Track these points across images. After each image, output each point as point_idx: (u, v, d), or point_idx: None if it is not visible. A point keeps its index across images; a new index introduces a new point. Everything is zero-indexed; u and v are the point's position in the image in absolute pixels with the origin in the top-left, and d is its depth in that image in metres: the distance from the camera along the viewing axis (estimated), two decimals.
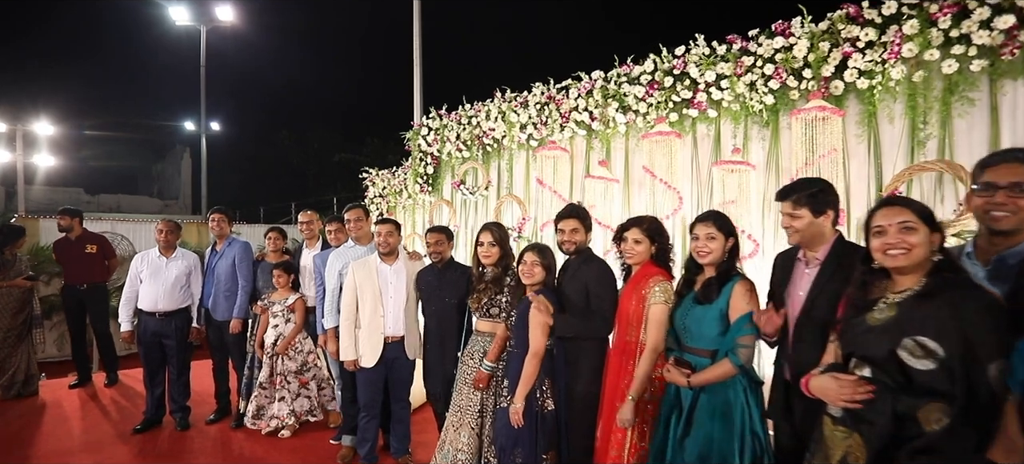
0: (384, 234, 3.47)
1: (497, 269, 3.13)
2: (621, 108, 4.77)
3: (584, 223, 2.91)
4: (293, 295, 4.20)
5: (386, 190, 7.26)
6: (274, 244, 4.44)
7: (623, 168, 4.93)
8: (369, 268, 3.48)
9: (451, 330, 3.36)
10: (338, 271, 3.71)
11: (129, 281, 4.29)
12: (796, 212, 2.09)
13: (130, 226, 9.21)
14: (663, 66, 4.48)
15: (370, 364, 3.41)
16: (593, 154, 5.19)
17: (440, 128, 6.41)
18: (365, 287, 3.45)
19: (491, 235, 3.14)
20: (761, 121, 4.12)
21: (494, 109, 5.78)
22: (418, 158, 6.69)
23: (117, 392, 5.32)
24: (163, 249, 4.32)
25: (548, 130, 5.35)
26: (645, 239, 2.61)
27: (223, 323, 4.34)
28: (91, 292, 5.51)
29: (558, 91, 5.27)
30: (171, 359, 4.30)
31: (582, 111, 5.05)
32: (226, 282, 4.33)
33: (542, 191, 5.53)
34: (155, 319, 4.22)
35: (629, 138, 4.92)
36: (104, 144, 21.07)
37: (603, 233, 4.94)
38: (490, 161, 6.05)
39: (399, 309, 3.48)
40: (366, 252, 3.75)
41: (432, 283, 3.44)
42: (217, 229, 4.42)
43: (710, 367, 2.28)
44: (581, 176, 5.23)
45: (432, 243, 3.44)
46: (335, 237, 3.99)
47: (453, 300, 3.37)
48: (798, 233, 2.11)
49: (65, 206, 5.64)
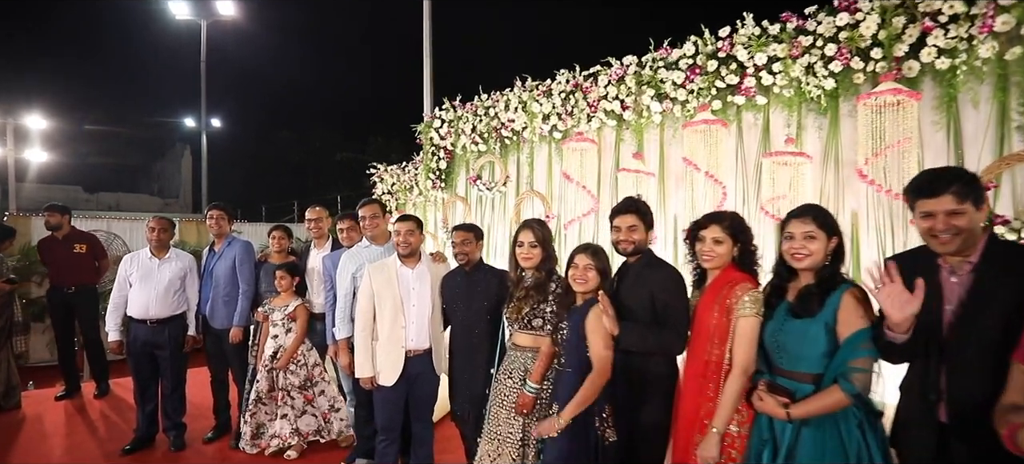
0: (404, 233, 3.00)
1: (539, 273, 2.66)
2: (657, 96, 4.31)
3: (644, 219, 2.45)
4: (294, 301, 3.72)
5: (395, 187, 6.79)
6: (278, 244, 3.96)
7: (658, 161, 4.48)
8: (388, 272, 3.01)
9: (482, 343, 2.90)
10: (351, 274, 3.24)
11: (117, 285, 3.81)
12: (960, 207, 1.61)
13: (126, 225, 8.69)
14: (706, 49, 4.02)
15: (390, 382, 2.94)
16: (623, 146, 4.73)
17: (454, 120, 5.94)
18: (384, 294, 2.97)
19: (532, 234, 2.67)
20: (818, 108, 3.67)
21: (514, 99, 5.31)
22: (430, 152, 6.22)
23: (107, 405, 4.83)
24: (155, 249, 3.84)
25: (574, 121, 4.89)
26: (727, 238, 2.15)
27: (222, 331, 3.86)
28: (80, 295, 5.02)
29: (585, 79, 4.81)
30: (164, 371, 3.82)
31: (612, 100, 4.59)
32: (225, 286, 3.86)
33: (566, 186, 5.07)
34: (146, 327, 3.74)
35: (664, 128, 4.46)
36: (103, 141, 20.52)
37: None
38: (508, 155, 5.58)
39: (423, 319, 3.01)
40: (382, 253, 3.28)
41: (459, 289, 2.97)
42: (216, 227, 3.94)
43: (816, 395, 1.82)
44: (610, 170, 4.77)
45: (458, 243, 2.97)
46: (347, 236, 3.52)
47: (484, 308, 2.91)
48: (961, 236, 1.62)
49: (53, 202, 5.15)
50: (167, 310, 3.78)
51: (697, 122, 3.92)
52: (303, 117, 26.73)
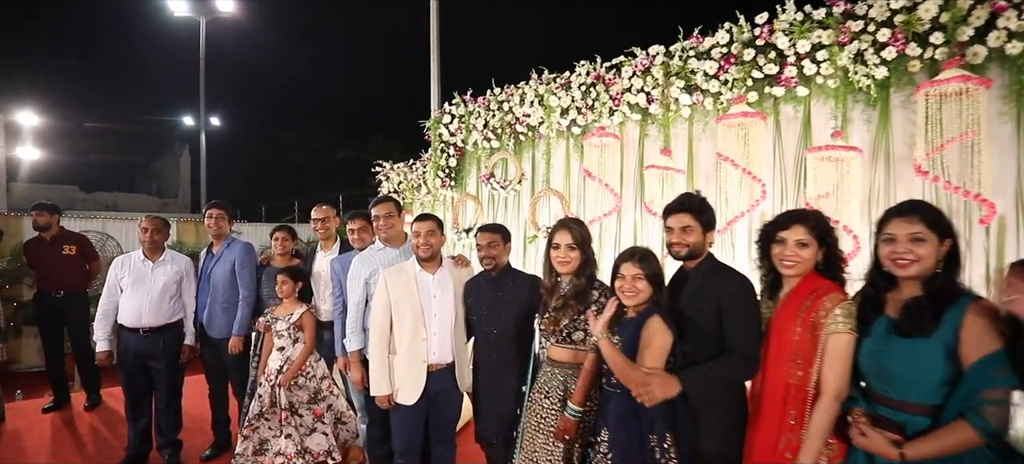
0: (424, 234, 2.67)
1: (579, 280, 2.34)
2: (687, 88, 4.00)
3: (701, 219, 2.12)
4: (299, 308, 3.38)
5: (402, 185, 6.45)
6: (281, 246, 3.62)
7: (686, 156, 4.16)
8: (406, 277, 2.68)
9: (511, 357, 2.57)
10: (364, 280, 2.91)
11: (107, 291, 3.47)
12: None
13: (122, 225, 8.33)
14: (742, 37, 3.70)
15: (410, 400, 2.62)
16: (648, 141, 4.42)
17: (465, 115, 5.60)
18: (402, 302, 2.64)
19: (570, 235, 2.35)
20: (866, 99, 3.36)
21: (530, 92, 4.99)
22: (439, 149, 5.89)
23: (98, 418, 4.48)
24: (148, 251, 3.50)
25: (595, 115, 4.57)
26: (813, 241, 1.83)
27: (221, 341, 3.53)
28: (69, 300, 4.67)
29: (607, 70, 4.49)
30: (158, 384, 3.48)
31: (637, 92, 4.27)
32: (224, 291, 3.52)
33: (586, 185, 4.75)
34: (138, 336, 3.40)
35: (693, 122, 4.15)
36: (100, 139, 20.10)
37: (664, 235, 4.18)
38: (522, 151, 5.25)
39: (446, 330, 2.68)
40: (398, 256, 2.95)
41: (485, 296, 2.65)
42: (215, 227, 3.61)
43: (938, 433, 1.51)
44: (633, 166, 4.46)
45: (484, 245, 2.64)
46: (358, 237, 3.18)
47: (513, 318, 2.58)
48: None
49: (42, 201, 4.79)
50: (161, 318, 3.44)
51: (733, 115, 3.60)
52: (303, 116, 26.31)
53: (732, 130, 3.70)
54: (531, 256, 5.04)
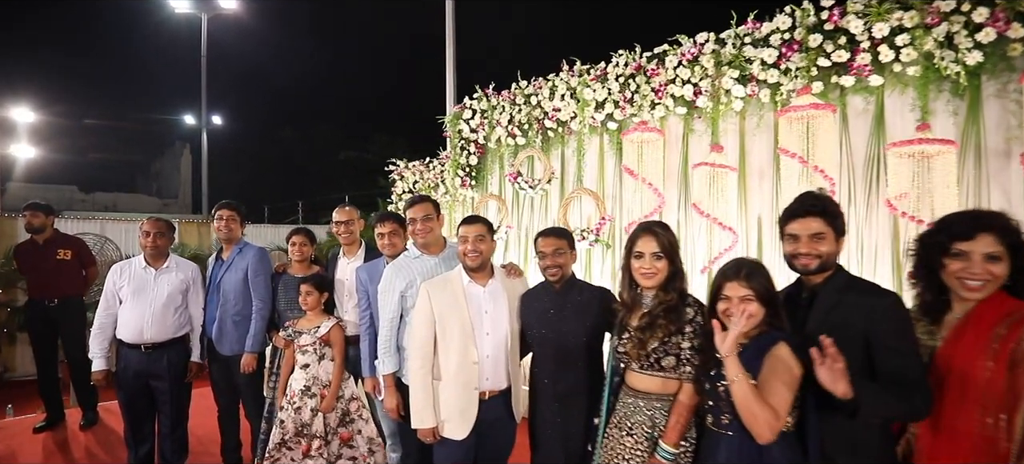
0: (472, 239, 2.25)
1: (667, 294, 1.92)
2: (741, 78, 3.59)
3: (834, 224, 1.71)
4: (327, 321, 2.95)
5: (418, 185, 6.02)
6: (300, 251, 3.18)
7: (738, 153, 3.76)
8: (453, 290, 2.26)
9: (580, 384, 2.15)
10: (399, 292, 2.48)
11: (104, 302, 3.02)
12: None
13: (122, 227, 7.86)
14: (806, 21, 3.30)
15: (460, 434, 2.19)
16: (693, 137, 4.02)
17: (488, 110, 5.18)
18: (449, 319, 2.22)
19: (655, 241, 1.94)
20: (953, 88, 2.97)
21: (561, 85, 4.57)
22: (459, 146, 5.46)
23: (95, 438, 4.02)
24: (150, 258, 3.06)
25: (634, 109, 4.17)
26: (1004, 253, 1.42)
27: (232, 358, 3.09)
28: (64, 309, 4.21)
29: (649, 60, 4.08)
30: (162, 406, 3.04)
31: (683, 84, 3.87)
32: (236, 302, 3.08)
33: (623, 184, 4.35)
34: (140, 353, 2.96)
35: (745, 116, 3.75)
36: (99, 139, 19.54)
37: (713, 238, 3.78)
38: (550, 148, 4.84)
39: (500, 351, 2.26)
40: (437, 265, 2.53)
41: (547, 312, 2.22)
42: (225, 230, 3.16)
43: None
44: (677, 164, 4.05)
45: (548, 252, 2.22)
46: (389, 242, 2.75)
47: (582, 338, 2.16)
48: None
49: (35, 201, 4.33)
50: (166, 332, 3.00)
51: (800, 107, 3.20)
52: (305, 115, 25.73)
53: (794, 123, 3.31)
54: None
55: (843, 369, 1.37)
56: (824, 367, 1.40)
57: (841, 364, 1.37)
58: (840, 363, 1.37)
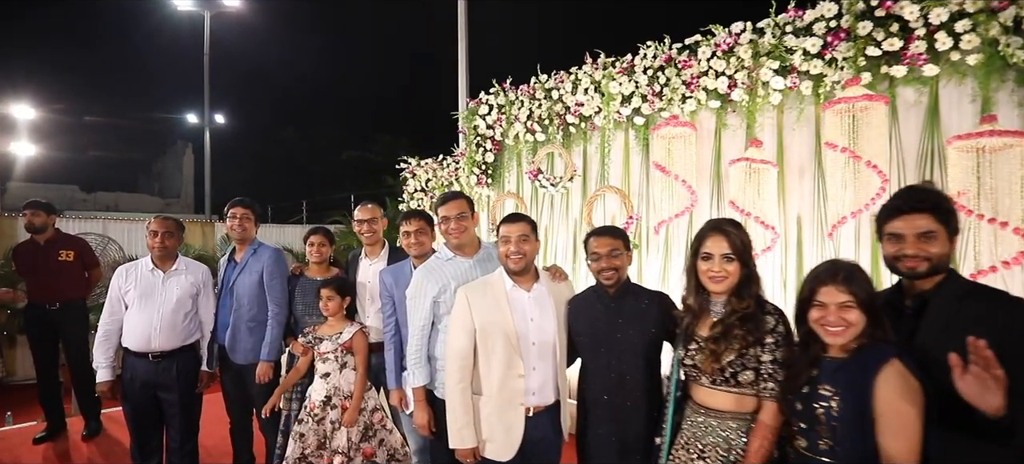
0: (515, 240, 2.02)
1: (742, 302, 1.70)
2: (781, 70, 3.37)
3: (946, 222, 1.48)
4: (350, 327, 2.72)
5: (431, 183, 5.79)
6: (318, 252, 2.94)
7: (776, 148, 3.54)
8: (495, 296, 2.03)
9: (638, 399, 1.92)
10: (432, 298, 2.25)
11: (109, 307, 2.78)
12: None
13: (124, 226, 7.60)
14: (854, 8, 3.08)
15: (505, 455, 1.96)
16: (726, 132, 3.80)
17: (506, 105, 4.95)
18: (491, 327, 1.99)
19: (726, 241, 1.71)
20: (1018, 78, 2.76)
21: (585, 78, 4.35)
22: (475, 143, 5.23)
23: (99, 450, 3.77)
24: (158, 259, 2.82)
25: (663, 103, 3.94)
26: None
27: (246, 367, 2.85)
28: (66, 313, 3.97)
29: (680, 51, 3.86)
30: (171, 419, 2.80)
31: (717, 76, 3.65)
32: (251, 307, 2.84)
33: (650, 181, 4.13)
34: (147, 362, 2.72)
35: (783, 109, 3.53)
36: (100, 138, 19.24)
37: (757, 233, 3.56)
38: (571, 145, 4.62)
39: (547, 362, 2.03)
40: (472, 268, 2.29)
41: (600, 319, 1.99)
42: (239, 229, 2.92)
43: None
44: (709, 160, 3.84)
45: (603, 253, 1.99)
46: (416, 241, 2.51)
47: (641, 349, 1.94)
48: None
49: (36, 199, 4.08)
50: (175, 339, 2.76)
51: (851, 98, 2.97)
52: (307, 114, 25.39)
53: (840, 117, 3.09)
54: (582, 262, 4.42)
55: (1002, 379, 1.14)
56: (969, 377, 1.18)
57: (999, 372, 1.15)
58: (998, 370, 1.15)
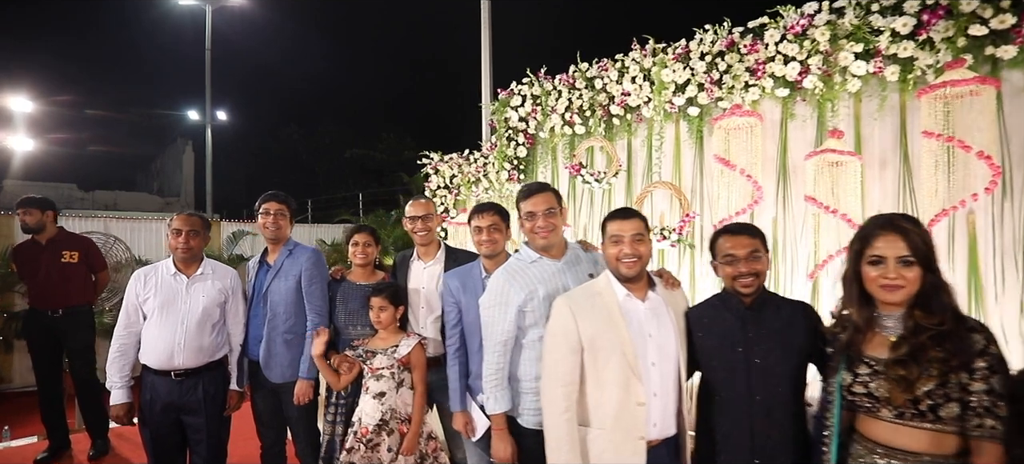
0: (630, 240, 1.64)
1: (930, 316, 1.33)
2: (865, 53, 3.03)
3: None
4: (406, 340, 2.32)
5: (456, 179, 5.38)
6: (363, 253, 2.53)
7: (853, 139, 3.20)
8: (605, 306, 1.64)
9: (784, 432, 1.56)
10: (517, 307, 1.87)
11: (125, 318, 2.35)
12: None
13: (127, 225, 7.13)
14: None
15: None
16: (792, 123, 3.45)
17: (541, 95, 4.57)
18: (604, 345, 1.61)
19: (903, 240, 1.35)
20: None
21: (633, 66, 3.98)
22: (506, 136, 4.84)
23: None
24: (182, 262, 2.41)
25: (722, 91, 3.58)
26: None
27: (282, 386, 2.44)
28: (70, 320, 3.53)
29: (743, 35, 3.50)
30: (196, 446, 2.38)
31: (786, 61, 3.30)
32: (288, 317, 2.43)
33: (704, 177, 3.78)
34: (170, 382, 2.30)
35: (861, 97, 3.18)
36: (99, 135, 18.60)
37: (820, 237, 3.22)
38: (614, 137, 4.25)
39: (669, 385, 1.65)
40: (560, 272, 1.91)
41: (734, 335, 1.62)
42: (272, 227, 2.50)
43: None
44: (774, 153, 3.48)
45: (741, 255, 1.61)
46: (488, 239, 2.12)
47: (788, 371, 1.57)
48: None
49: (28, 196, 3.64)
50: (202, 355, 2.34)
51: (956, 82, 2.63)
52: (310, 112, 24.74)
53: (934, 104, 2.76)
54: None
55: None
56: None
57: None
58: None
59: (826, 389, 1.49)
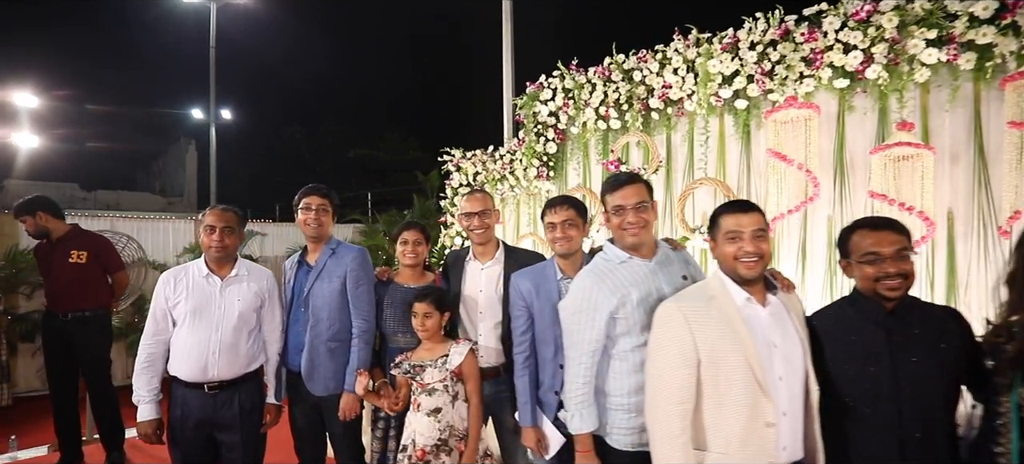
0: (750, 236, 1.41)
1: None
2: (938, 40, 2.81)
3: None
4: (457, 348, 2.07)
5: (480, 177, 5.13)
6: (413, 252, 2.27)
7: (921, 132, 2.98)
8: (724, 313, 1.40)
9: (939, 458, 1.33)
10: (609, 313, 1.62)
11: (152, 325, 2.08)
12: None
13: (134, 224, 6.83)
14: None
15: None
16: (851, 116, 3.23)
17: (575, 88, 4.33)
18: (726, 358, 1.37)
19: None
20: None
21: (676, 57, 3.75)
22: (535, 132, 4.60)
23: None
24: (215, 263, 2.15)
25: (775, 82, 3.35)
26: None
27: (325, 400, 2.18)
28: (80, 325, 3.25)
29: (798, 22, 3.28)
30: None
31: (847, 50, 3.08)
32: (331, 323, 2.17)
33: (751, 173, 3.55)
34: (203, 395, 2.04)
35: (929, 88, 2.97)
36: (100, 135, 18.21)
37: None
38: (652, 132, 4.02)
39: (797, 402, 1.41)
40: (652, 273, 1.67)
41: (876, 349, 1.38)
42: (314, 224, 2.23)
43: None
44: (831, 148, 3.26)
45: (887, 253, 1.38)
46: (563, 235, 1.87)
47: (940, 389, 1.34)
48: None
49: (19, 202, 3.34)
50: (237, 365, 2.08)
51: None
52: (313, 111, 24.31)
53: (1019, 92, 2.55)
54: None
55: None
56: None
57: None
58: None
59: (996, 411, 1.26)
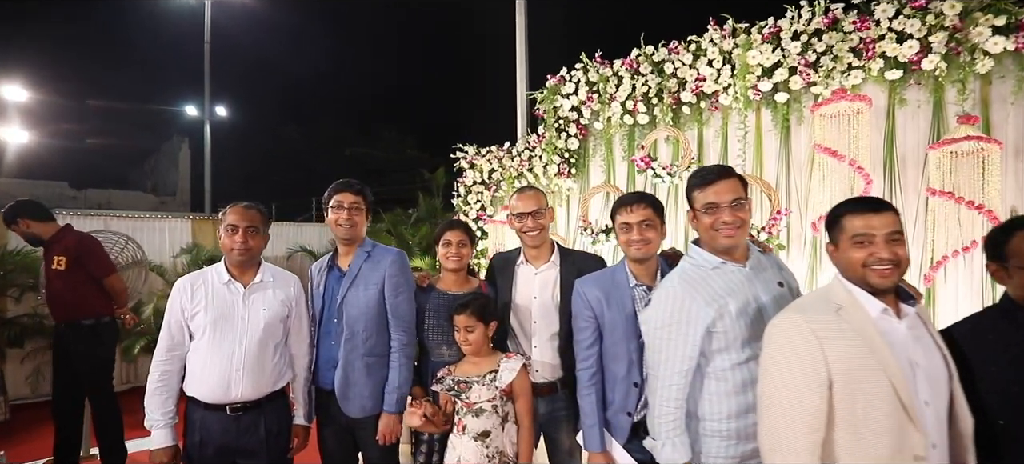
0: (884, 239, 1.19)
1: None
2: (1006, 27, 2.63)
3: None
4: (506, 363, 1.82)
5: (496, 175, 4.89)
6: (457, 254, 2.02)
7: (983, 125, 2.80)
8: (861, 328, 1.18)
9: None
10: (705, 326, 1.40)
11: (167, 338, 1.81)
12: None
13: (128, 224, 6.50)
14: None
15: None
16: (901, 109, 3.04)
17: (600, 82, 4.11)
18: (865, 380, 1.15)
19: None
20: None
21: (711, 48, 3.54)
22: (556, 128, 4.37)
23: None
24: (237, 267, 1.90)
25: (820, 75, 3.16)
26: None
27: (361, 422, 1.92)
28: (72, 334, 2.94)
29: (846, 10, 3.09)
30: None
31: (901, 39, 2.89)
32: (368, 335, 1.90)
33: (791, 171, 3.37)
34: (225, 418, 1.78)
35: (990, 79, 2.79)
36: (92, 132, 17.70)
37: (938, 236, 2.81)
38: (682, 127, 3.81)
39: (943, 429, 1.20)
40: (748, 280, 1.45)
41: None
42: (346, 226, 1.96)
43: None
44: (879, 143, 3.08)
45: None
46: (640, 238, 1.64)
47: None
48: None
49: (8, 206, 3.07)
50: (264, 383, 1.83)
51: None
52: (310, 109, 23.87)
53: None
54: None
55: None
56: None
57: None
58: None
59: None
